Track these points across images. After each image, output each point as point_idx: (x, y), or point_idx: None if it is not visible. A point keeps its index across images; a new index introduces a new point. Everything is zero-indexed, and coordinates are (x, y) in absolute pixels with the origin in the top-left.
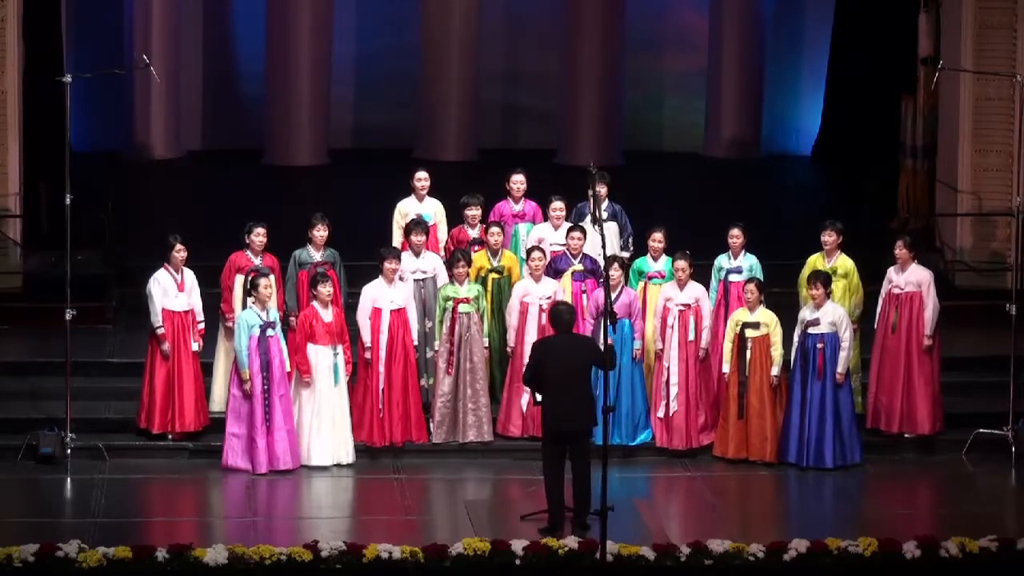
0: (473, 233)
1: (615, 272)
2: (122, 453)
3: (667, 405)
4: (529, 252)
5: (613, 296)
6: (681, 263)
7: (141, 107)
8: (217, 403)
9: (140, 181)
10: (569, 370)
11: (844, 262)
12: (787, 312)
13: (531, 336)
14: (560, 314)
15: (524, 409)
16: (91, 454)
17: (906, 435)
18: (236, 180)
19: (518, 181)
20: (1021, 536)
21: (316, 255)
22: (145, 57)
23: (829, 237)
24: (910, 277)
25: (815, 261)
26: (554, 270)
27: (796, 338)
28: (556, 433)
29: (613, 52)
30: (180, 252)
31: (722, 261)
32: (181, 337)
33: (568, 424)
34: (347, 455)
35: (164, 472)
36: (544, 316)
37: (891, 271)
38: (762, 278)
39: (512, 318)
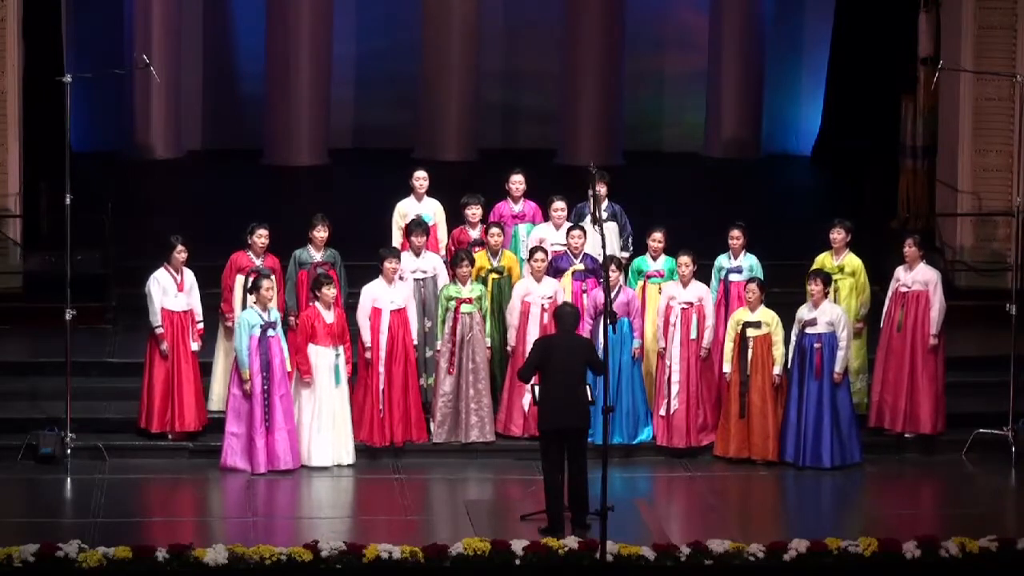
0: (474, 233)
1: (613, 272)
2: (122, 453)
3: (668, 403)
4: (532, 252)
5: (611, 296)
6: (684, 259)
7: (141, 107)
8: (216, 403)
9: (140, 181)
10: (567, 369)
11: (852, 260)
12: (787, 311)
13: (533, 336)
14: (565, 315)
15: (526, 408)
16: (91, 454)
17: (907, 435)
18: (236, 180)
19: (517, 181)
20: (1021, 536)
21: (316, 255)
22: (145, 57)
23: (838, 235)
24: (917, 276)
25: (823, 260)
26: (555, 269)
27: (794, 337)
28: (551, 431)
29: (613, 52)
30: (181, 253)
31: (722, 261)
32: (180, 337)
33: (562, 422)
34: (347, 455)
35: (164, 472)
36: (546, 316)
37: (899, 270)
38: (762, 278)
39: (513, 318)
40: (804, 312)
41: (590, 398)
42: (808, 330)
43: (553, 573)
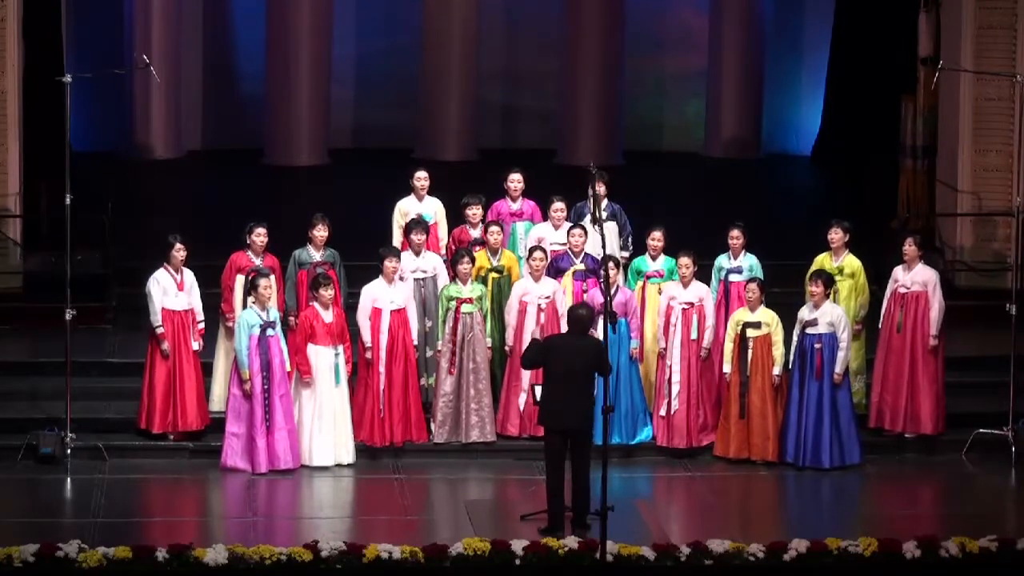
0: (475, 233)
1: (611, 271)
2: (122, 453)
3: (669, 404)
4: (531, 252)
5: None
6: (685, 260)
7: (141, 107)
8: (216, 403)
9: (140, 181)
10: (573, 370)
11: (851, 262)
12: (787, 311)
13: (529, 335)
14: (580, 316)
15: (521, 408)
16: (91, 454)
17: (907, 435)
18: (236, 180)
19: (515, 180)
20: (1021, 536)
21: (316, 255)
22: (145, 57)
23: (836, 235)
24: (916, 277)
25: (823, 260)
26: (556, 269)
27: (795, 338)
28: (553, 430)
29: (613, 52)
30: (180, 252)
31: (722, 261)
32: (181, 336)
33: (565, 422)
34: (347, 455)
35: (164, 472)
36: (543, 315)
37: (897, 270)
38: (762, 278)
39: (511, 317)
40: (805, 312)
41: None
42: (809, 330)
43: (553, 573)
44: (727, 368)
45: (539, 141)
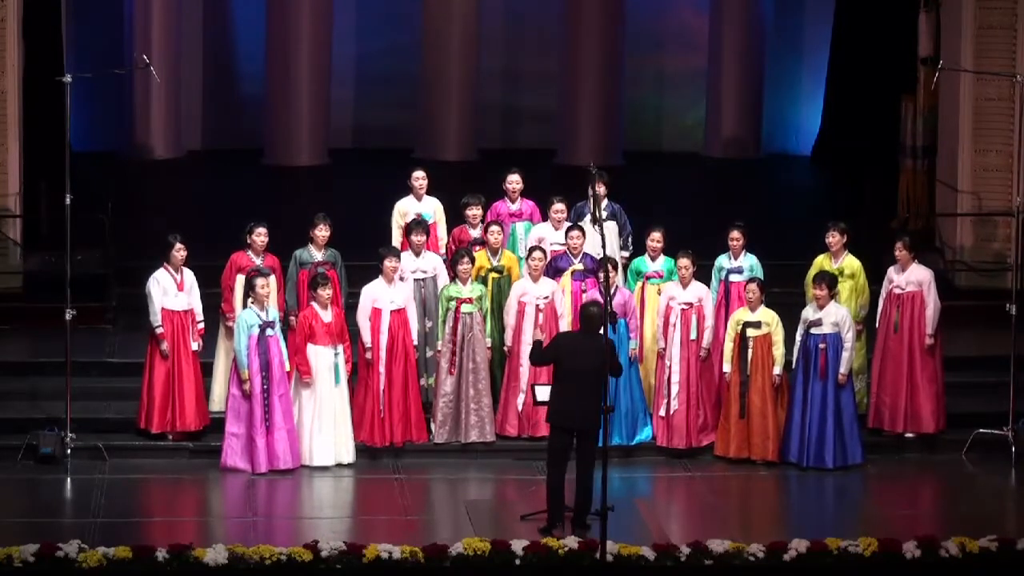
0: (475, 233)
1: (610, 273)
2: (122, 453)
3: (668, 404)
4: (530, 252)
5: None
6: (684, 261)
7: (141, 107)
8: (216, 403)
9: (140, 181)
10: (585, 369)
11: (851, 263)
12: (787, 311)
13: (528, 336)
14: (592, 315)
15: (520, 408)
16: (91, 454)
17: (907, 434)
18: (236, 180)
19: (514, 181)
20: (1021, 536)
21: (317, 255)
22: (145, 57)
23: (833, 238)
24: (911, 277)
25: (822, 262)
26: (555, 269)
27: (798, 338)
28: (561, 428)
29: (613, 52)
30: (180, 252)
31: (722, 261)
32: (181, 337)
33: (573, 421)
34: (348, 454)
35: (164, 472)
36: (541, 316)
37: (891, 271)
38: (763, 278)
39: (510, 317)
40: (809, 312)
41: None
42: (813, 331)
43: (553, 573)
44: (727, 368)
45: (539, 141)
